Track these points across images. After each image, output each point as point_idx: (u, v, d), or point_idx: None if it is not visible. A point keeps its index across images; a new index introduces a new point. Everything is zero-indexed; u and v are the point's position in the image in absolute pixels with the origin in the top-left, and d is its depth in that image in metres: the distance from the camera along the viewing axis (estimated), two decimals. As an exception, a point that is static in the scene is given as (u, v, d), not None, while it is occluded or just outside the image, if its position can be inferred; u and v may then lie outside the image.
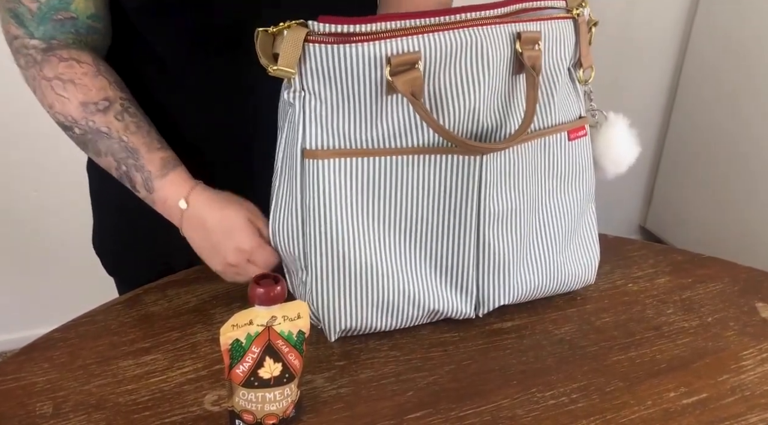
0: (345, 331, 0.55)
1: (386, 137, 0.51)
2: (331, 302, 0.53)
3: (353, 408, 0.50)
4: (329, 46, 0.47)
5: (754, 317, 0.61)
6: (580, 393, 0.51)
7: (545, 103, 0.55)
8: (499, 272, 0.56)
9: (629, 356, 0.56)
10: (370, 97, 0.49)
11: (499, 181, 0.54)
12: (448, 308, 0.56)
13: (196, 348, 0.55)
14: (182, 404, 0.50)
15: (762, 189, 1.50)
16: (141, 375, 0.52)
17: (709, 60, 1.60)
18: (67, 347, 0.55)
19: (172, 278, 0.63)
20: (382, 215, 0.53)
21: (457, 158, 0.52)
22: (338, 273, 0.53)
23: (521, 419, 0.49)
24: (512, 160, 0.54)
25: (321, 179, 0.50)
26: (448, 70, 0.49)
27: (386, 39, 0.47)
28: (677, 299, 0.63)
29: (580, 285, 0.62)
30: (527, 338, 0.57)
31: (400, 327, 0.56)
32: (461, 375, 0.53)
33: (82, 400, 0.50)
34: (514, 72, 0.52)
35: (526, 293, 0.58)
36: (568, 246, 0.60)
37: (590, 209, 0.62)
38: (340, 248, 0.52)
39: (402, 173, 0.52)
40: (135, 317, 0.58)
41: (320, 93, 0.49)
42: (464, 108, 0.51)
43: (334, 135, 0.50)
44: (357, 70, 0.48)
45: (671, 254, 0.70)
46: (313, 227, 0.52)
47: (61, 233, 1.41)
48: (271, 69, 0.48)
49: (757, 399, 0.51)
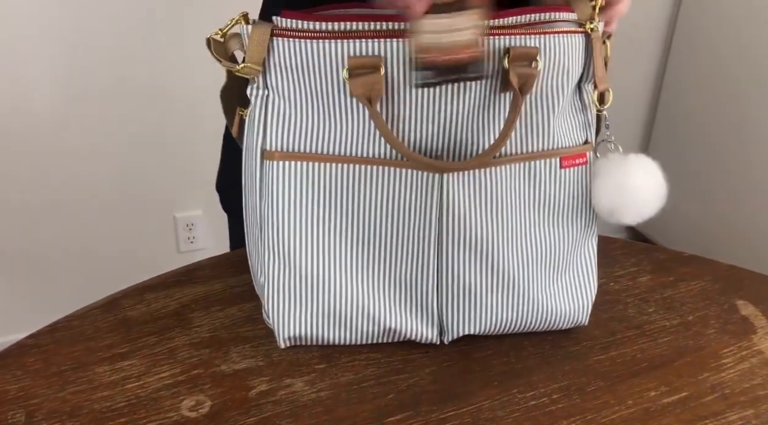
0: (295, 339, 0.54)
1: (346, 142, 0.49)
2: (280, 308, 0.52)
3: (332, 411, 0.49)
4: (295, 40, 0.46)
5: (735, 315, 0.61)
6: (561, 394, 0.51)
7: (537, 125, 0.50)
8: (463, 300, 0.53)
9: (610, 355, 0.55)
10: (332, 97, 0.48)
11: (466, 204, 0.50)
12: (409, 330, 0.53)
13: (174, 352, 0.54)
14: (159, 410, 0.49)
15: (749, 188, 1.51)
16: (117, 380, 0.51)
17: (694, 59, 1.61)
18: (41, 353, 0.54)
19: (150, 282, 0.63)
20: (336, 224, 0.51)
21: (417, 174, 0.49)
22: (288, 279, 0.51)
23: (502, 420, 0.49)
24: (487, 183, 0.50)
25: (277, 181, 0.49)
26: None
27: (350, 39, 0.46)
28: (659, 298, 0.63)
29: (570, 325, 0.57)
30: (508, 338, 0.57)
31: (359, 342, 0.54)
32: (442, 376, 0.53)
33: (56, 407, 0.49)
34: (500, 89, 0.48)
35: (502, 326, 0.54)
36: (557, 283, 0.55)
37: (589, 245, 0.56)
38: (291, 254, 0.51)
39: (360, 183, 0.50)
40: (112, 322, 0.58)
41: (283, 90, 0.48)
42: (434, 124, 0.48)
43: (294, 137, 0.49)
44: (320, 67, 0.47)
45: (653, 252, 0.70)
46: (267, 230, 0.51)
47: (36, 238, 1.40)
48: (239, 68, 0.47)
49: (737, 397, 0.51)
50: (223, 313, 0.59)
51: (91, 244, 1.44)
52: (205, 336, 0.56)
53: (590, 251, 0.56)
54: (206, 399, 0.50)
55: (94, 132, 1.35)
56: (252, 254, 0.55)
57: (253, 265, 0.55)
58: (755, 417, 0.50)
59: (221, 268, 0.64)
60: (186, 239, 1.51)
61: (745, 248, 1.52)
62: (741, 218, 1.53)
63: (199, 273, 0.64)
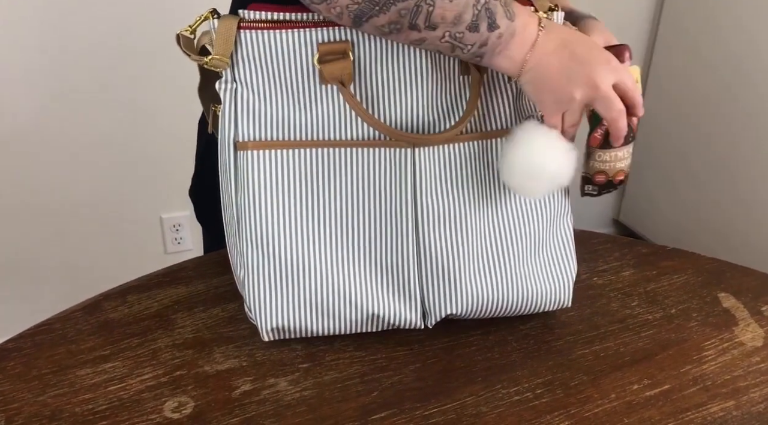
0: (278, 330, 0.53)
1: (318, 128, 0.50)
2: (261, 300, 0.52)
3: (316, 410, 0.49)
4: (262, 31, 0.47)
5: (716, 308, 0.61)
6: (545, 388, 0.51)
7: (495, 104, 0.53)
8: (443, 277, 0.53)
9: (593, 349, 0.56)
10: (302, 85, 0.49)
11: (437, 178, 0.52)
12: (392, 315, 0.54)
13: (156, 354, 0.54)
14: (141, 412, 0.49)
15: (735, 182, 1.53)
16: (99, 383, 0.51)
17: (679, 56, 1.62)
18: (21, 357, 0.53)
19: (132, 284, 0.62)
20: (315, 210, 0.51)
21: (390, 151, 0.51)
22: (269, 270, 0.51)
23: (485, 416, 0.49)
24: (452, 158, 0.52)
25: (252, 171, 0.50)
26: (385, 65, 0.49)
27: (317, 27, 0.47)
28: (642, 292, 0.63)
29: (553, 306, 0.57)
30: (493, 334, 0.57)
31: (342, 331, 0.54)
32: (426, 373, 0.53)
33: (36, 411, 0.48)
34: (462, 71, 0.51)
35: (484, 306, 0.55)
36: (534, 260, 0.56)
37: (564, 223, 0.58)
38: (270, 243, 0.51)
39: (334, 166, 0.51)
40: (94, 324, 0.57)
41: (252, 82, 0.49)
42: (402, 104, 0.50)
43: (265, 127, 0.50)
44: (289, 57, 0.48)
45: (636, 247, 0.70)
46: (245, 221, 0.51)
47: (22, 240, 1.38)
48: (206, 61, 0.47)
49: (718, 389, 0.52)
50: (206, 314, 0.58)
51: (77, 246, 1.43)
52: (188, 337, 0.56)
53: (566, 229, 0.58)
54: (189, 400, 0.50)
55: (79, 134, 1.34)
56: (232, 250, 0.54)
57: (234, 261, 0.55)
58: (736, 408, 0.50)
59: (204, 269, 0.64)
60: (173, 240, 1.50)
61: (733, 242, 1.54)
62: (729, 213, 1.54)
63: (181, 274, 0.63)
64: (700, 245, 1.60)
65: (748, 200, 1.48)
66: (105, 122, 1.35)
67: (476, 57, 0.48)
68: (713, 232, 1.57)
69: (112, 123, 1.36)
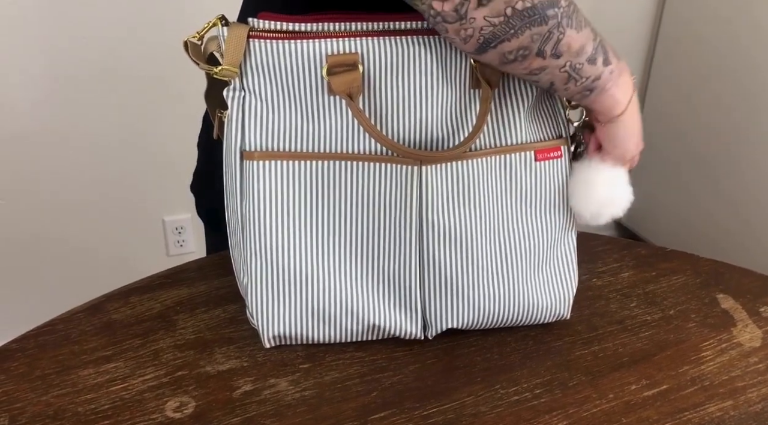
0: (280, 338, 0.54)
1: (325, 140, 0.50)
2: (264, 308, 0.53)
3: (316, 410, 0.50)
4: (272, 41, 0.47)
5: (715, 309, 0.62)
6: (544, 389, 0.52)
7: (509, 118, 0.52)
8: (446, 292, 0.53)
9: (592, 350, 0.56)
10: (311, 96, 0.49)
11: (445, 195, 0.51)
12: (392, 326, 0.54)
13: (158, 354, 0.54)
14: (143, 412, 0.49)
15: (736, 184, 1.53)
16: (101, 383, 0.51)
17: (680, 58, 1.62)
18: (25, 357, 0.54)
19: (135, 285, 0.63)
20: (318, 222, 0.51)
21: (397, 167, 0.50)
22: (272, 279, 0.52)
23: (484, 416, 0.49)
24: (464, 174, 0.51)
25: (258, 181, 0.50)
26: (395, 78, 0.48)
27: (328, 38, 0.47)
28: (640, 293, 0.64)
29: (552, 319, 0.57)
30: (492, 335, 0.57)
31: (343, 340, 0.55)
32: (426, 373, 0.53)
33: (39, 411, 0.49)
34: (472, 85, 0.50)
35: (484, 319, 0.55)
36: (537, 275, 0.56)
37: (569, 238, 0.57)
38: (274, 253, 0.51)
39: (340, 179, 0.50)
40: (97, 325, 0.58)
41: (261, 92, 0.49)
42: (411, 119, 0.49)
43: (273, 137, 0.50)
44: (298, 68, 0.48)
45: (635, 248, 0.71)
46: (249, 230, 0.51)
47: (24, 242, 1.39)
48: (216, 71, 0.47)
49: (716, 389, 0.52)
50: (208, 315, 0.59)
51: (80, 248, 1.44)
52: (190, 338, 0.56)
53: (569, 244, 0.57)
54: (191, 400, 0.50)
55: (82, 135, 1.35)
56: (235, 255, 0.55)
57: (237, 266, 0.55)
58: (734, 408, 0.50)
59: (206, 270, 0.65)
60: (175, 242, 1.51)
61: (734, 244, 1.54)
62: (731, 215, 1.54)
63: (183, 275, 0.64)
64: (700, 247, 1.60)
65: (748, 202, 1.49)
66: (108, 124, 1.36)
67: (586, 91, 0.49)
68: (713, 233, 1.58)
69: (115, 126, 1.37)
